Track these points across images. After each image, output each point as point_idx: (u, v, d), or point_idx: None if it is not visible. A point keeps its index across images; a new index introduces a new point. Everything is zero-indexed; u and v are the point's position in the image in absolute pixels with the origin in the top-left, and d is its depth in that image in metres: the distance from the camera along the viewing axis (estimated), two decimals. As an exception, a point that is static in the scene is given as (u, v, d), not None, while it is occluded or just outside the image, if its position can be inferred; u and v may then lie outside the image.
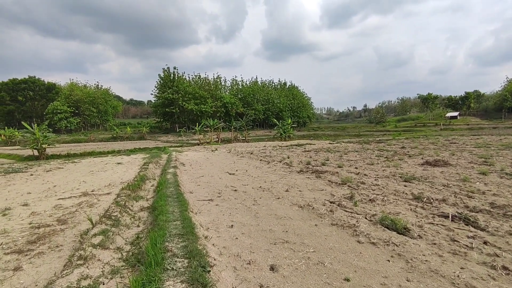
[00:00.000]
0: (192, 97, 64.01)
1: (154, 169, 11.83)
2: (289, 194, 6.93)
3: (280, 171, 10.75)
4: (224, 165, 13.06)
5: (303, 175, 9.58)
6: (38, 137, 22.71)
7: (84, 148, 32.02)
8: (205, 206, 6.07)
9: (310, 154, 16.32)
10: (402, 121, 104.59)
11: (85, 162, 16.35)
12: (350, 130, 77.48)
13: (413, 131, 58.18)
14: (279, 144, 27.09)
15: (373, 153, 15.87)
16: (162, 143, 40.37)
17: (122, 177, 10.20)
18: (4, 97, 64.47)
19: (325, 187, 7.60)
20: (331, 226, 4.66)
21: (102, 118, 73.14)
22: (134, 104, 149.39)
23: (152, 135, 60.53)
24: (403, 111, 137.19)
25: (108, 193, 7.44)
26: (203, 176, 10.19)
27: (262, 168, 11.66)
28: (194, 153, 20.28)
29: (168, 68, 65.58)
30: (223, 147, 26.07)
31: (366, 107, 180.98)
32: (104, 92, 75.35)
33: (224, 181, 9.14)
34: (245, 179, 9.27)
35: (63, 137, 55.87)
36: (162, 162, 14.73)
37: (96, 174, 11.33)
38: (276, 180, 8.94)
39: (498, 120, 75.00)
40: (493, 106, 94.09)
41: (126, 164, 14.20)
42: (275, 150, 20.61)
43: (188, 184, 8.55)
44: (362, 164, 11.61)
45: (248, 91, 77.11)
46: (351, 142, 26.80)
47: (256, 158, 15.43)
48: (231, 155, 18.33)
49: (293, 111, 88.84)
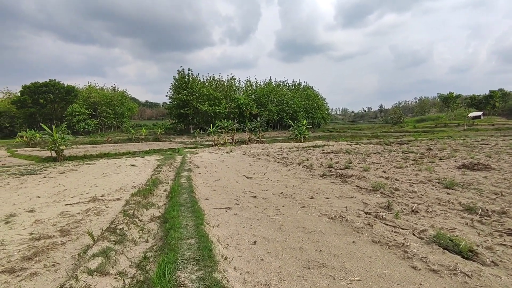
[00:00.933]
0: (207, 98, 64.02)
1: (167, 172, 11.33)
2: (315, 202, 6.19)
3: (301, 174, 9.99)
4: (240, 168, 12.42)
5: (326, 180, 8.79)
6: (56, 139, 22.87)
7: (100, 150, 32.26)
8: (222, 216, 5.42)
9: (330, 156, 15.44)
10: (421, 121, 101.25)
11: (99, 164, 16.13)
12: (366, 131, 75.46)
13: (434, 131, 55.79)
14: (295, 145, 26.25)
15: (398, 155, 14.83)
16: (177, 144, 40.32)
17: (134, 180, 9.73)
18: (26, 100, 66.57)
19: (355, 194, 6.80)
20: (373, 244, 3.90)
21: (118, 120, 74.37)
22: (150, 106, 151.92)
23: (167, 136, 60.91)
24: (421, 111, 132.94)
25: (118, 199, 6.92)
26: (219, 179, 9.58)
27: (281, 171, 10.93)
28: (208, 155, 19.78)
29: (183, 69, 66.03)
30: (238, 148, 25.49)
31: (382, 107, 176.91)
32: (121, 94, 76.65)
33: (241, 185, 8.48)
34: (264, 184, 8.58)
35: (81, 139, 57.07)
36: (176, 164, 14.25)
37: (108, 176, 10.94)
38: (298, 185, 8.20)
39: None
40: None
41: (140, 166, 13.82)
42: (292, 151, 19.82)
43: (203, 189, 7.94)
44: (390, 167, 10.68)
45: (262, 92, 76.43)
46: (370, 143, 25.62)
47: (273, 160, 14.71)
48: (247, 157, 17.69)
49: (307, 112, 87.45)
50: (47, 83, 67.38)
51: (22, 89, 67.15)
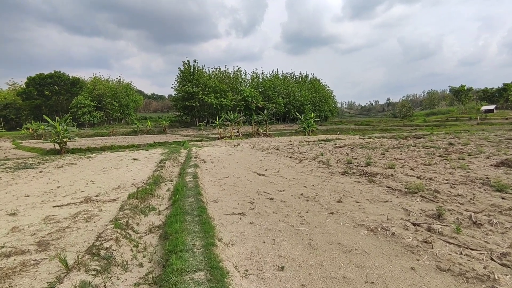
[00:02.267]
0: (212, 90, 62.87)
1: (171, 167, 10.43)
2: (344, 207, 5.21)
3: (318, 171, 9.00)
4: (250, 163, 11.47)
5: (349, 178, 7.80)
6: (59, 131, 22.23)
7: (105, 142, 31.65)
8: (236, 225, 4.47)
9: (346, 151, 14.40)
10: (431, 115, 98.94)
11: (100, 157, 15.34)
12: (375, 125, 73.85)
13: (446, 125, 54.03)
14: (304, 139, 25.19)
15: (419, 150, 13.71)
16: (182, 137, 39.58)
17: (135, 176, 8.85)
18: (31, 92, 66.28)
19: (388, 197, 5.80)
20: (441, 273, 2.92)
21: (124, 112, 73.75)
22: (155, 99, 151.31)
23: (172, 129, 60.21)
24: (430, 105, 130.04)
25: (114, 200, 6.03)
26: (228, 176, 8.64)
27: (295, 168, 9.95)
28: (215, 149, 18.87)
29: (188, 61, 64.72)
30: (245, 142, 24.54)
31: (390, 101, 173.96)
32: (126, 86, 75.83)
33: (254, 184, 7.53)
34: (279, 182, 7.62)
35: (86, 131, 56.69)
36: (181, 159, 13.36)
37: (108, 172, 10.09)
38: (318, 184, 7.23)
39: (542, 113, 68.57)
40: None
41: (142, 161, 12.96)
42: (302, 145, 18.80)
43: (211, 188, 7.01)
44: (416, 164, 9.62)
45: (269, 84, 74.90)
46: (384, 137, 24.44)
47: (284, 155, 13.73)
48: (255, 151, 16.73)
49: (314, 105, 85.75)
50: (52, 74, 66.90)
51: (27, 80, 66.78)
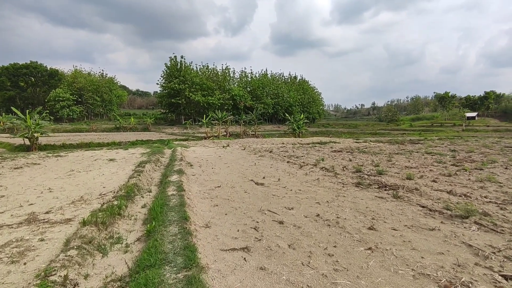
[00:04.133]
0: (199, 88, 60.86)
1: (152, 171, 8.83)
2: (382, 238, 3.88)
3: (326, 181, 7.68)
4: (244, 168, 10.03)
5: (367, 192, 6.50)
6: (29, 125, 20.10)
7: (83, 138, 29.42)
8: (239, 273, 3.02)
9: (346, 156, 13.19)
10: (416, 120, 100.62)
11: (72, 156, 13.47)
12: (363, 128, 74.08)
13: (433, 131, 54.50)
14: (297, 141, 23.96)
15: (425, 157, 12.68)
16: (167, 135, 37.68)
17: (106, 183, 7.24)
18: (4, 82, 62.06)
19: (431, 222, 4.52)
20: None
21: (106, 108, 70.48)
22: (140, 95, 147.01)
23: (157, 126, 57.86)
24: (415, 110, 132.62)
25: (68, 220, 4.44)
26: (220, 186, 7.17)
27: (297, 176, 8.60)
28: (202, 149, 17.28)
29: (175, 57, 62.38)
30: (235, 142, 23.04)
31: (375, 105, 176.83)
32: (109, 80, 72.48)
33: (253, 197, 6.11)
34: (284, 195, 6.22)
35: (64, 126, 53.51)
36: (164, 161, 11.75)
37: (74, 176, 8.39)
38: (333, 199, 5.89)
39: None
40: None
41: (119, 162, 11.27)
42: (297, 148, 17.53)
43: (200, 204, 5.52)
44: (433, 174, 8.47)
45: (258, 83, 73.49)
46: (379, 141, 23.56)
47: (280, 159, 12.37)
48: (247, 153, 15.29)
49: (303, 106, 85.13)
50: (27, 65, 62.84)
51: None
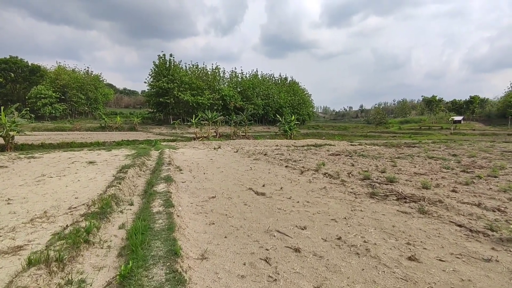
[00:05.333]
0: (189, 87, 59.36)
1: (136, 177, 7.76)
2: (432, 276, 3.01)
3: (335, 191, 6.81)
4: (239, 174, 9.06)
5: (385, 204, 5.66)
6: (4, 123, 18.58)
7: (64, 138, 27.78)
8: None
9: (347, 160, 12.40)
10: (405, 123, 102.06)
11: (47, 158, 12.17)
12: (353, 130, 74.20)
13: (422, 134, 54.95)
14: (291, 143, 23.15)
15: (429, 162, 12.05)
16: (154, 135, 36.26)
17: (80, 192, 6.14)
18: (-19, 78, 58.94)
19: (479, 248, 3.69)
20: None
21: (91, 106, 67.91)
22: (128, 94, 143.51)
23: (144, 126, 56.03)
24: (402, 113, 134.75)
25: (18, 249, 3.37)
26: (215, 196, 6.19)
27: (300, 183, 7.70)
28: (192, 151, 16.19)
29: (164, 55, 60.62)
30: (226, 144, 22.02)
31: (363, 107, 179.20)
32: (95, 78, 69.91)
33: (255, 211, 5.16)
34: (291, 209, 5.30)
35: (45, 124, 51.04)
36: (150, 164, 10.64)
37: (44, 182, 7.23)
38: (350, 215, 5.01)
39: (501, 126, 72.23)
40: (496, 112, 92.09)
41: (100, 165, 10.10)
42: (292, 151, 16.68)
43: (193, 223, 4.52)
44: (448, 182, 7.75)
45: (248, 84, 72.50)
46: (375, 144, 23.03)
47: (277, 163, 11.46)
48: (240, 156, 14.32)
49: (293, 108, 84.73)
50: (7, 60, 59.75)
51: (-24, 65, 59.22)
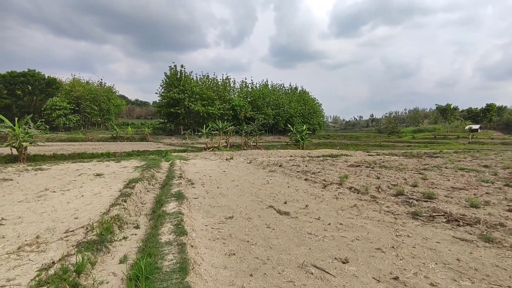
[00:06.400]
0: (199, 97, 59.50)
1: (144, 192, 7.10)
2: None
3: (369, 210, 5.94)
4: (256, 188, 8.30)
5: (434, 228, 4.76)
6: (18, 134, 18.43)
7: (77, 148, 27.66)
8: None
9: (370, 172, 11.47)
10: (418, 132, 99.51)
11: (55, 169, 11.72)
12: (364, 140, 72.61)
13: (438, 143, 53.00)
14: (305, 153, 22.27)
15: (459, 173, 10.99)
16: (165, 145, 35.99)
17: (81, 210, 5.49)
18: (0, 90, 60.66)
19: None
20: None
21: (104, 117, 68.89)
22: (139, 105, 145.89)
23: (155, 136, 56.20)
24: (415, 122, 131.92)
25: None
26: (232, 216, 5.43)
27: (326, 199, 6.87)
28: (204, 162, 15.54)
29: (175, 66, 61.25)
30: (238, 154, 21.32)
31: (373, 117, 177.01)
32: (107, 90, 71.14)
33: (282, 238, 4.36)
34: (325, 235, 4.47)
35: (59, 135, 51.74)
36: (160, 177, 10.01)
37: (45, 198, 6.63)
38: (396, 242, 4.15)
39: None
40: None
41: (107, 178, 9.52)
42: (308, 162, 15.82)
43: (210, 253, 3.76)
44: (493, 198, 6.77)
45: (258, 94, 72.34)
46: (393, 154, 21.90)
47: (295, 176, 10.65)
48: (254, 167, 13.56)
49: (304, 117, 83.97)
50: (25, 73, 61.56)
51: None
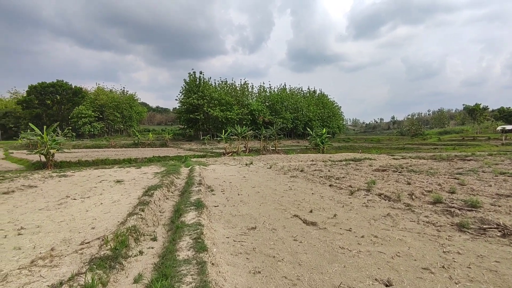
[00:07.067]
0: (218, 103, 59.99)
1: (162, 200, 6.89)
2: None
3: (405, 220, 5.37)
4: (278, 195, 7.89)
5: (488, 243, 4.14)
6: (46, 141, 19.15)
7: (100, 155, 28.42)
8: None
9: (399, 177, 10.73)
10: (444, 133, 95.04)
11: (78, 176, 11.87)
12: (387, 143, 70.18)
13: (467, 145, 49.99)
14: (326, 157, 21.57)
15: (501, 178, 10.02)
16: (184, 151, 36.33)
17: (99, 219, 5.32)
18: (32, 101, 64.08)
19: None
20: None
21: (126, 124, 71.09)
22: (160, 111, 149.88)
23: (175, 142, 57.14)
24: (440, 124, 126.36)
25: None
26: (255, 227, 5.06)
27: (355, 208, 6.34)
28: (223, 168, 15.31)
29: (194, 72, 62.21)
30: (257, 159, 20.98)
31: (394, 119, 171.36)
32: (129, 97, 73.49)
33: (311, 253, 3.93)
34: (359, 250, 4.00)
35: (85, 142, 53.80)
36: (180, 183, 9.83)
37: (65, 206, 6.57)
38: (445, 260, 3.60)
39: (562, 136, 64.34)
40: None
41: (127, 184, 9.46)
42: (330, 166, 15.19)
43: (232, 270, 3.38)
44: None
45: (277, 98, 71.98)
46: (420, 157, 20.73)
47: (319, 181, 10.13)
48: (275, 172, 13.15)
49: (323, 121, 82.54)
50: (54, 83, 64.74)
51: (28, 89, 64.63)
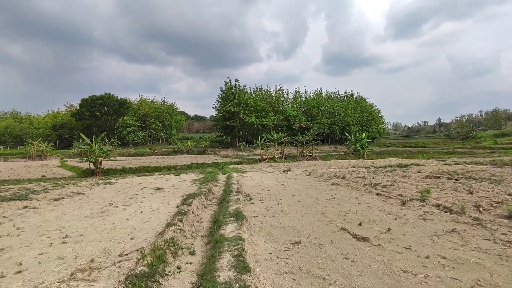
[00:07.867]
0: (253, 110, 60.37)
1: (200, 210, 6.72)
2: None
3: (477, 238, 4.55)
4: (321, 205, 7.33)
5: None
6: (94, 150, 20.57)
7: (143, 162, 29.83)
8: None
9: (457, 186, 9.53)
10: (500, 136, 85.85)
11: (121, 183, 12.33)
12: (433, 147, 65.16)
13: (532, 148, 44.50)
14: (368, 163, 20.28)
15: None
16: (221, 158, 36.85)
17: (138, 229, 5.26)
18: (84, 113, 69.85)
19: None
20: None
21: (166, 132, 74.44)
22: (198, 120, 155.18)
23: (212, 149, 58.41)
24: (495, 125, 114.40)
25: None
26: (300, 242, 4.61)
27: (410, 221, 5.60)
28: (260, 175, 15.00)
29: (230, 81, 63.46)
30: (295, 165, 20.38)
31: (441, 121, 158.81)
32: (169, 107, 77.05)
33: (368, 276, 3.35)
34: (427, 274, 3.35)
35: (129, 150, 57.16)
36: (217, 191, 9.69)
37: (108, 214, 6.67)
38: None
39: None
40: None
41: (166, 192, 9.53)
42: (374, 173, 14.14)
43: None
44: None
45: (312, 103, 70.55)
46: (477, 162, 18.61)
47: (363, 190, 9.35)
48: (315, 180, 12.51)
49: (361, 125, 79.03)
50: (102, 96, 70.08)
51: (80, 102, 70.68)
